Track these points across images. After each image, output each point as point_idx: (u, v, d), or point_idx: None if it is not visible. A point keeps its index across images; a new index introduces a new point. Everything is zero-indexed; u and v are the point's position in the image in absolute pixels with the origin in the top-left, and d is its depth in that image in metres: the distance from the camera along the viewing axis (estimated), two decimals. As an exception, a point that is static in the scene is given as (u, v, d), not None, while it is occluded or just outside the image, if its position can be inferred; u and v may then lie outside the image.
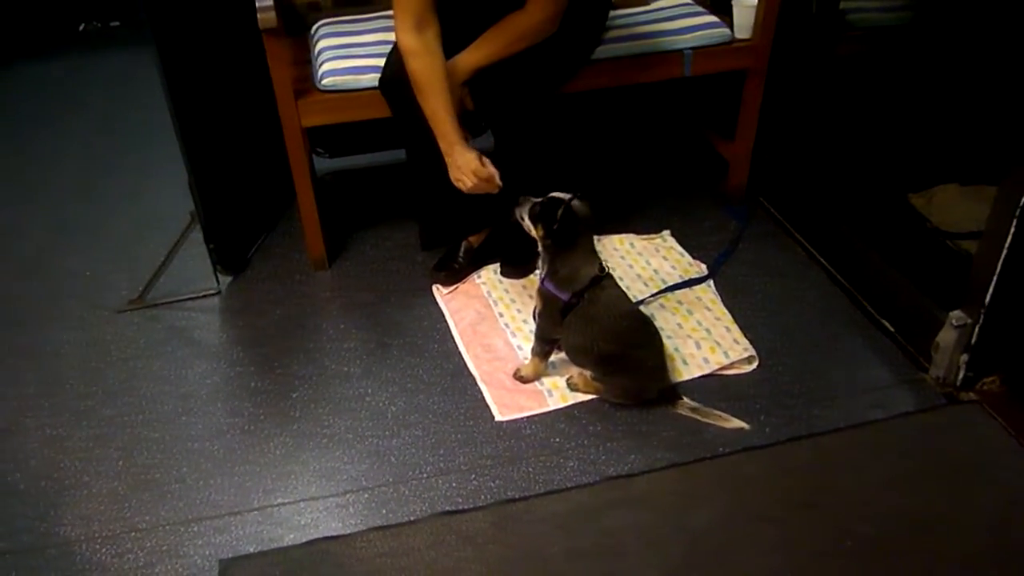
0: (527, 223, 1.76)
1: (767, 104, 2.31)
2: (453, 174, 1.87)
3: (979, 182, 2.24)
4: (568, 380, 1.87)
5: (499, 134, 2.03)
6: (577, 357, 1.82)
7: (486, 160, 1.85)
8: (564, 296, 1.73)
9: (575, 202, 1.71)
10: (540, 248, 1.78)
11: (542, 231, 1.73)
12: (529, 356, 1.91)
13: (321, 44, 2.16)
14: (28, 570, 1.53)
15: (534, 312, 1.86)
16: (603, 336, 1.73)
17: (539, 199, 1.75)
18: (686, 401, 1.78)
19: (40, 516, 1.63)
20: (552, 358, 1.89)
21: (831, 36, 2.36)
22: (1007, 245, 1.64)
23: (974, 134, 2.38)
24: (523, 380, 1.87)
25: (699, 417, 1.75)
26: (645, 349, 1.78)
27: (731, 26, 2.21)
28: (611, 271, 1.81)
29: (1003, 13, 2.29)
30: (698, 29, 2.18)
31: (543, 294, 1.79)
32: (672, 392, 1.80)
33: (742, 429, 1.72)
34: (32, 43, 3.80)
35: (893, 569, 1.46)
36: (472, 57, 1.87)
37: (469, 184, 1.85)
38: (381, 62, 2.00)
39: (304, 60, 2.20)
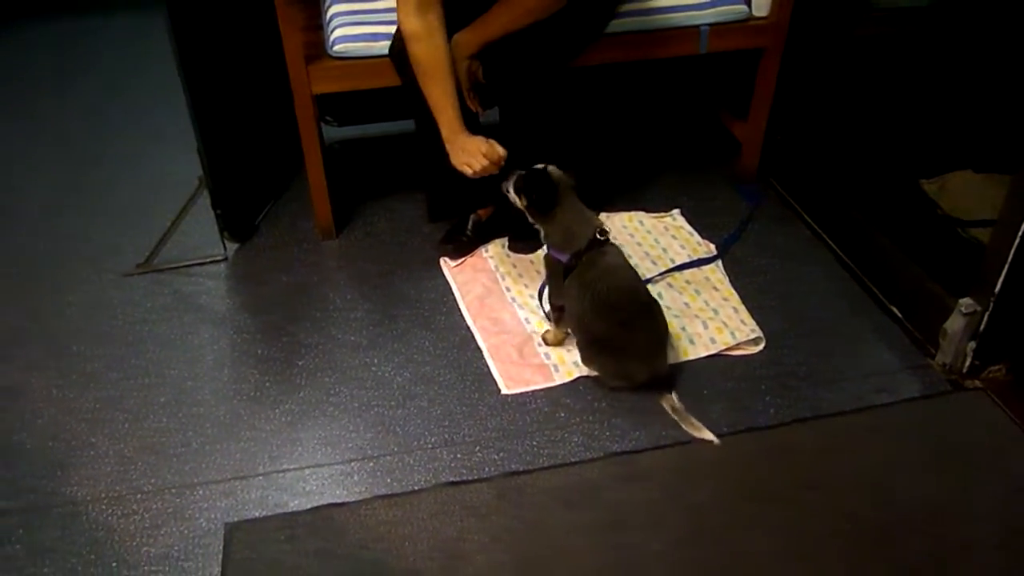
0: (512, 196, 1.79)
1: (782, 84, 2.29)
2: (459, 159, 1.84)
3: (993, 170, 2.23)
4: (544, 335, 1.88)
5: (506, 108, 2.01)
6: (571, 325, 1.83)
7: (492, 141, 1.83)
8: (564, 258, 1.75)
9: (551, 168, 1.74)
10: (529, 219, 1.81)
11: (525, 201, 1.77)
12: (537, 329, 1.93)
13: (333, 9, 2.13)
14: (35, 529, 1.55)
15: (540, 290, 1.86)
16: (593, 307, 1.71)
17: (520, 172, 1.77)
18: (672, 397, 1.74)
19: (47, 476, 1.65)
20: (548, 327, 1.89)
21: (851, 16, 2.33)
22: (1020, 234, 1.63)
23: (989, 121, 2.36)
24: (547, 343, 1.90)
25: (676, 418, 1.71)
26: (638, 331, 1.74)
27: (749, 3, 2.18)
28: (618, 243, 1.79)
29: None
30: (715, 5, 2.15)
31: (546, 259, 1.82)
32: (666, 381, 1.77)
33: (711, 442, 1.66)
34: (41, 3, 3.76)
35: (895, 554, 1.47)
36: (480, 31, 1.85)
37: (478, 167, 1.81)
38: (393, 29, 1.97)
39: (316, 25, 2.17)
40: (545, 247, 1.82)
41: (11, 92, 3.13)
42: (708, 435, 1.67)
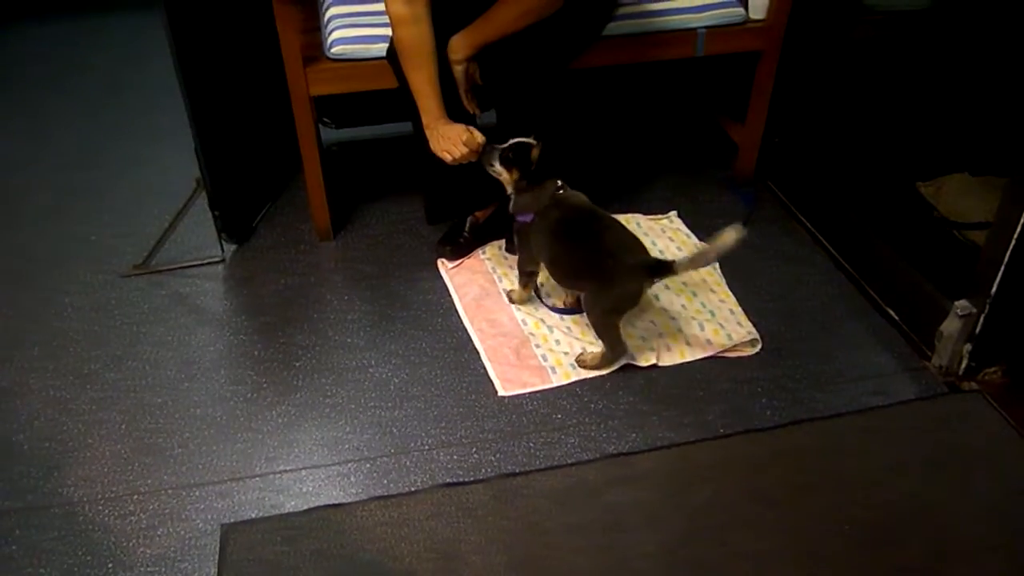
0: (497, 168, 1.84)
1: (779, 87, 2.29)
2: (439, 145, 1.85)
3: (989, 173, 2.23)
4: (578, 358, 1.87)
5: (503, 110, 2.02)
6: (552, 269, 1.87)
7: (472, 128, 1.85)
8: (529, 218, 1.83)
9: (532, 141, 1.81)
10: (510, 191, 1.86)
11: (517, 174, 1.82)
12: (534, 331, 1.94)
13: (331, 11, 2.14)
14: (32, 528, 1.55)
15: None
16: (555, 235, 1.79)
17: (503, 146, 1.82)
18: (678, 263, 1.70)
19: (44, 476, 1.65)
20: (548, 330, 1.89)
21: (847, 19, 2.33)
22: (1016, 236, 1.64)
23: (986, 124, 2.37)
24: (512, 301, 2.02)
25: (696, 263, 1.73)
26: (603, 233, 1.77)
27: (746, 6, 2.19)
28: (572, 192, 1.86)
29: (1021, 4, 2.27)
30: (712, 8, 2.16)
31: (516, 227, 1.90)
32: (665, 269, 1.73)
33: (737, 237, 1.58)
34: (40, 3, 3.76)
35: (891, 555, 1.48)
36: (477, 32, 1.85)
37: (458, 155, 1.82)
38: (391, 31, 1.98)
39: (314, 27, 2.17)
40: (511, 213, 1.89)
41: (9, 92, 3.13)
42: (730, 235, 1.58)
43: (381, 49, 2.00)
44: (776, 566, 1.46)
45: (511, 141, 1.82)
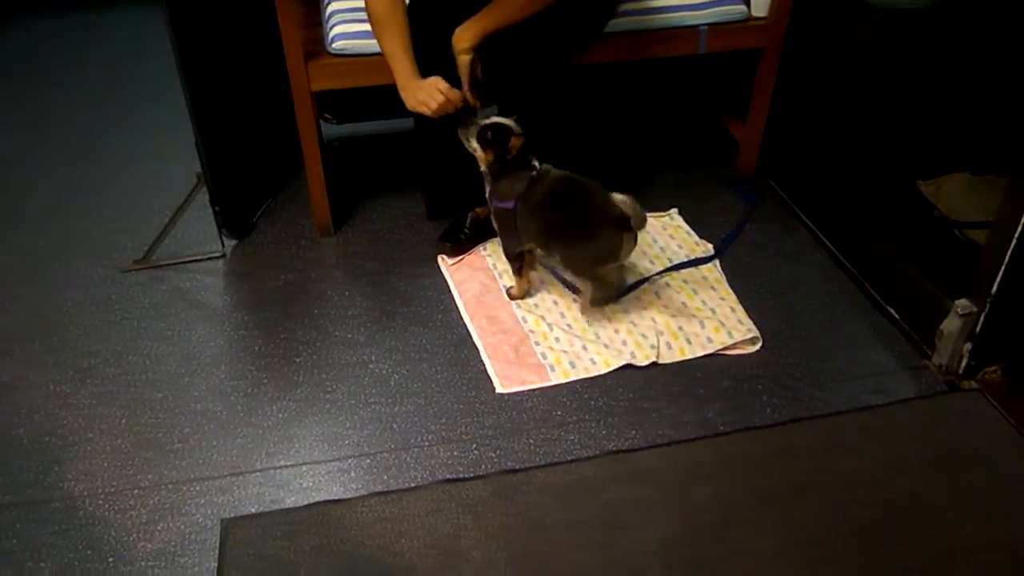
0: (474, 145, 1.85)
1: (780, 85, 2.29)
2: (415, 99, 1.86)
3: (990, 172, 2.23)
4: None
5: (505, 106, 2.01)
6: (542, 240, 1.89)
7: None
8: (510, 204, 1.84)
9: (511, 124, 1.83)
10: (484, 169, 1.87)
11: (492, 156, 1.82)
12: (534, 329, 1.94)
13: (332, 6, 2.13)
14: (32, 523, 1.55)
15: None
16: (542, 208, 1.83)
17: (485, 123, 1.83)
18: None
19: (44, 470, 1.65)
20: (547, 328, 1.89)
21: (849, 18, 2.33)
22: (1016, 236, 1.64)
23: (987, 124, 2.37)
24: (511, 297, 2.02)
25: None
26: (586, 195, 1.84)
27: (748, 3, 2.19)
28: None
29: (1022, 3, 2.26)
30: (714, 5, 2.16)
31: (495, 213, 1.92)
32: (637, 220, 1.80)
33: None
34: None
35: (890, 554, 1.48)
36: (483, 20, 1.85)
37: (435, 105, 1.83)
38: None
39: (315, 22, 2.17)
40: (488, 198, 1.92)
41: (10, 87, 3.12)
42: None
43: (385, 43, 1.99)
44: (776, 564, 1.46)
45: (491, 119, 1.83)
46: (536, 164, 1.86)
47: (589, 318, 1.95)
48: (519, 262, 1.98)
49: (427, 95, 1.83)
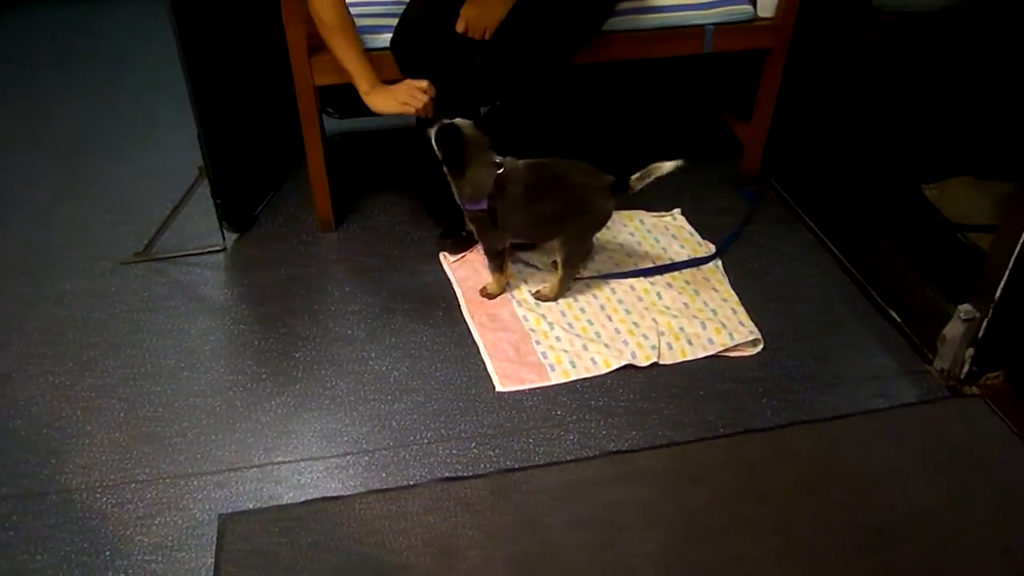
0: (434, 144, 1.88)
1: (785, 86, 2.28)
2: (395, 101, 1.89)
3: (994, 176, 2.22)
4: (535, 293, 2.01)
5: (507, 103, 2.01)
6: (535, 230, 1.95)
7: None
8: (482, 205, 1.87)
9: (463, 125, 1.84)
10: (444, 169, 1.90)
11: (440, 155, 1.86)
12: (535, 327, 1.93)
13: (337, 2, 2.12)
14: (29, 515, 1.54)
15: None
16: (530, 195, 1.86)
17: (439, 124, 1.86)
18: (632, 179, 1.87)
19: (42, 463, 1.64)
20: (548, 327, 1.88)
21: (855, 19, 2.32)
22: (1020, 241, 1.63)
23: (991, 127, 2.36)
24: (490, 297, 2.02)
25: (643, 179, 1.87)
26: (567, 174, 1.88)
27: (754, 4, 2.18)
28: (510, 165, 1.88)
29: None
30: (720, 4, 2.15)
31: (469, 216, 1.94)
32: (623, 186, 1.87)
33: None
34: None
35: (890, 558, 1.47)
36: (473, 7, 1.84)
37: (419, 104, 1.88)
38: (395, 22, 1.97)
39: (320, 17, 2.16)
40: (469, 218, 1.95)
41: (11, 78, 3.11)
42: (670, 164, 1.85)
43: (385, 39, 1.99)
44: (774, 567, 1.46)
45: (442, 121, 1.85)
46: (497, 160, 1.87)
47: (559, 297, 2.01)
48: (500, 259, 2.00)
49: (406, 96, 1.87)
